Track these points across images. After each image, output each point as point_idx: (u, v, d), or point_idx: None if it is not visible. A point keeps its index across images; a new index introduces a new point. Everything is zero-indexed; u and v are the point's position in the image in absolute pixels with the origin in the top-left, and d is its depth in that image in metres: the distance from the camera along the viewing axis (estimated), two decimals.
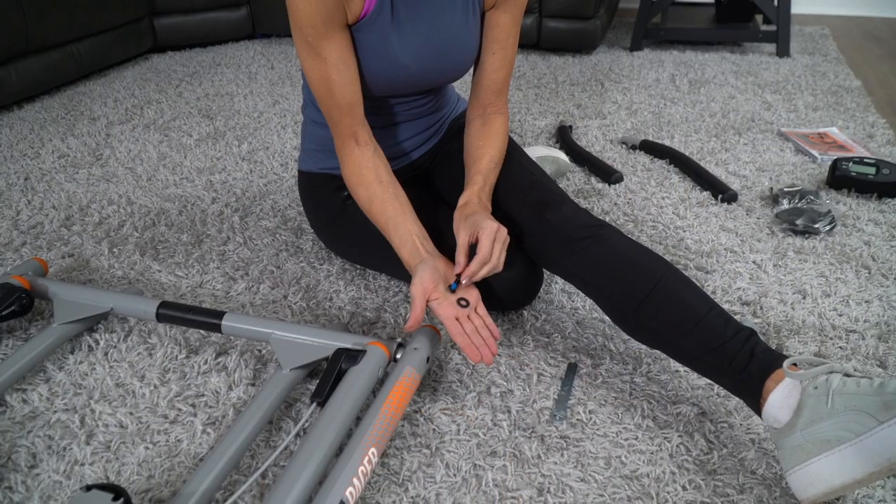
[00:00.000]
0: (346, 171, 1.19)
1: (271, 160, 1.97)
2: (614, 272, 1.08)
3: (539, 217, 1.17)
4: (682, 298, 1.02)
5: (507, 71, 1.24)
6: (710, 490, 0.93)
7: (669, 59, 2.88)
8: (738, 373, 0.94)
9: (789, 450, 0.87)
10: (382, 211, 1.17)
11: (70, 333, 1.20)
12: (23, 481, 0.95)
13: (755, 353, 0.94)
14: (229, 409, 1.08)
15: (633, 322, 1.05)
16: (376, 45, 1.13)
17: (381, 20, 1.11)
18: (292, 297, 1.35)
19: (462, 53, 1.21)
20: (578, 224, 1.14)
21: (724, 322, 0.99)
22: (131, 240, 1.57)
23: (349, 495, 0.84)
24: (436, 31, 1.16)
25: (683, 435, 1.02)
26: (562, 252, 1.13)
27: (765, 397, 0.91)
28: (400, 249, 1.15)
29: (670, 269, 1.07)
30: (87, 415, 1.07)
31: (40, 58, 2.46)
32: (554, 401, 1.09)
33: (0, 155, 2.04)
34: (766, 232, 1.55)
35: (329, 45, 1.09)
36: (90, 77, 2.80)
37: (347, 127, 1.16)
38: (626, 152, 2.00)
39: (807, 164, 1.89)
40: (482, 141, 1.25)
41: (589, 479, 0.95)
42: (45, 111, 2.40)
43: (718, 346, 0.96)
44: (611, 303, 1.08)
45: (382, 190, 1.18)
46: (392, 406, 0.96)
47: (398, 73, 1.17)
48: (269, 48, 3.19)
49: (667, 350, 1.03)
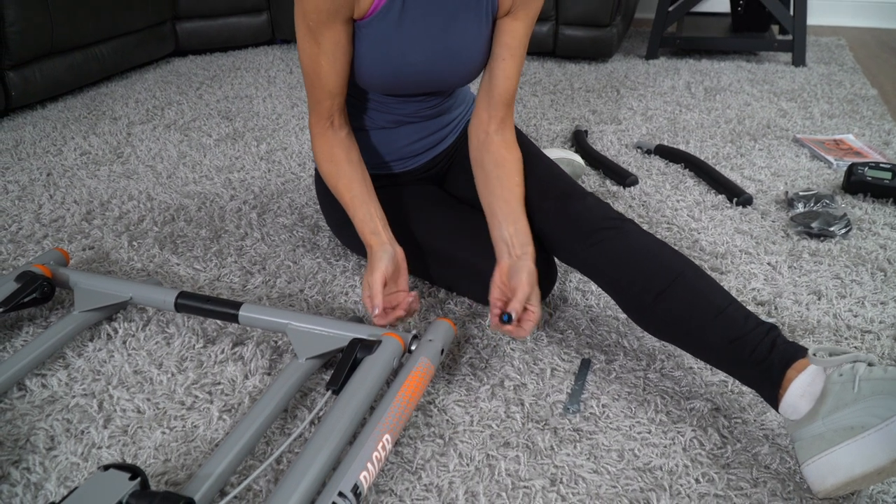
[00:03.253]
0: (317, 146, 1.23)
1: (289, 160, 1.99)
2: (634, 264, 1.08)
3: (561, 207, 1.18)
4: (702, 291, 1.03)
5: (515, 81, 1.23)
6: (723, 483, 0.93)
7: (685, 68, 2.89)
8: (758, 363, 0.94)
9: (808, 440, 0.87)
10: (349, 188, 1.20)
11: (90, 321, 1.22)
12: (41, 462, 0.97)
13: (777, 344, 0.94)
14: (245, 397, 1.09)
15: (650, 314, 1.06)
16: (381, 42, 1.14)
17: (389, 17, 1.11)
18: (308, 290, 1.37)
19: (471, 57, 1.21)
20: (601, 215, 1.15)
21: (745, 316, 0.99)
22: (150, 234, 1.59)
23: (363, 479, 0.85)
24: (446, 32, 1.16)
25: (697, 429, 1.02)
26: (582, 242, 1.14)
27: (785, 387, 0.90)
28: (361, 226, 1.18)
29: (691, 264, 1.07)
30: (105, 400, 1.08)
31: (64, 58, 2.50)
32: (567, 394, 1.09)
33: (24, 151, 2.07)
34: (781, 235, 1.55)
35: (327, 34, 1.11)
36: (112, 78, 2.84)
37: (326, 109, 1.20)
38: (641, 156, 2.00)
39: (822, 170, 1.89)
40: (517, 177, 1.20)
41: (602, 471, 0.95)
42: (67, 111, 2.44)
43: (739, 338, 0.96)
44: (628, 295, 1.08)
45: (351, 170, 1.21)
46: (406, 394, 0.97)
47: (403, 70, 1.18)
48: (288, 53, 3.22)
49: (683, 343, 1.03)
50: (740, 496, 0.91)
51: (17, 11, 2.23)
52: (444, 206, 1.36)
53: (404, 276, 1.18)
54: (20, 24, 2.25)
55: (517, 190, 1.19)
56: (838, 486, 0.84)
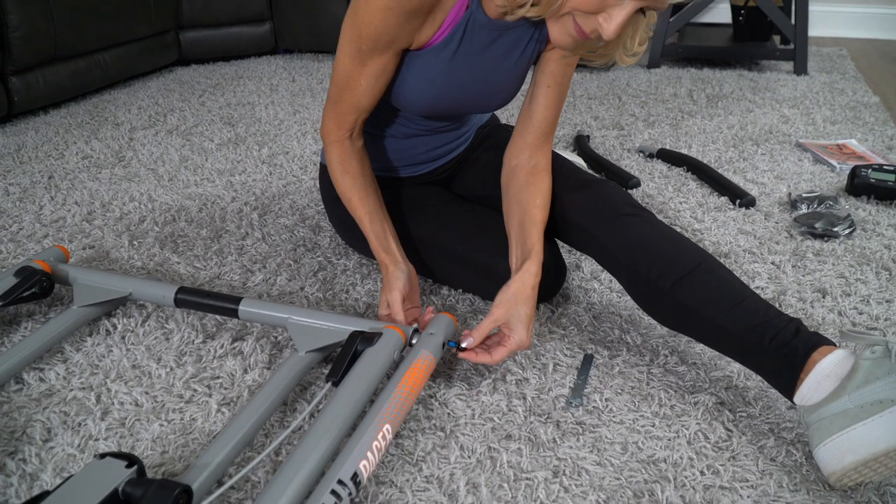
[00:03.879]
0: (333, 156, 1.21)
1: (291, 164, 1.99)
2: (655, 249, 1.08)
3: (582, 193, 1.17)
4: (724, 279, 1.02)
5: (557, 110, 1.20)
6: (728, 475, 0.91)
7: (687, 76, 2.89)
8: (779, 348, 0.93)
9: (828, 419, 0.85)
10: (363, 203, 1.19)
11: (88, 316, 1.21)
12: (37, 454, 0.96)
13: (801, 331, 0.94)
14: (244, 391, 1.08)
15: (666, 300, 1.04)
16: (429, 73, 1.13)
17: (444, 53, 1.10)
18: (309, 288, 1.36)
19: (508, 93, 1.22)
20: (624, 201, 1.15)
21: (766, 305, 0.99)
22: (151, 234, 1.59)
23: (363, 468, 0.84)
24: (492, 73, 1.16)
25: (701, 422, 1.01)
26: (602, 226, 1.13)
27: (807, 370, 0.89)
28: (376, 243, 1.18)
29: (711, 255, 1.07)
30: (102, 393, 1.07)
31: (67, 65, 2.51)
32: (570, 389, 1.08)
33: (25, 155, 2.07)
34: (785, 235, 1.54)
35: (377, 60, 1.08)
36: (115, 86, 2.85)
37: (350, 123, 1.18)
38: (643, 160, 2.00)
39: (825, 173, 1.89)
40: (538, 199, 1.17)
41: (605, 464, 0.94)
42: (70, 116, 2.45)
43: (760, 325, 0.96)
44: (644, 280, 1.07)
45: (366, 184, 1.21)
46: (408, 385, 0.96)
47: (441, 101, 1.18)
48: (291, 62, 3.23)
49: (696, 330, 1.02)
50: (746, 488, 0.90)
51: (21, 17, 2.25)
52: (451, 204, 1.35)
53: (417, 293, 1.18)
54: (23, 30, 2.26)
55: (535, 213, 1.15)
56: (857, 465, 0.82)
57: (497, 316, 1.06)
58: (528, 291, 1.08)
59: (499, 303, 1.07)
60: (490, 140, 1.39)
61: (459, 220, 1.30)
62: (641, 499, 0.88)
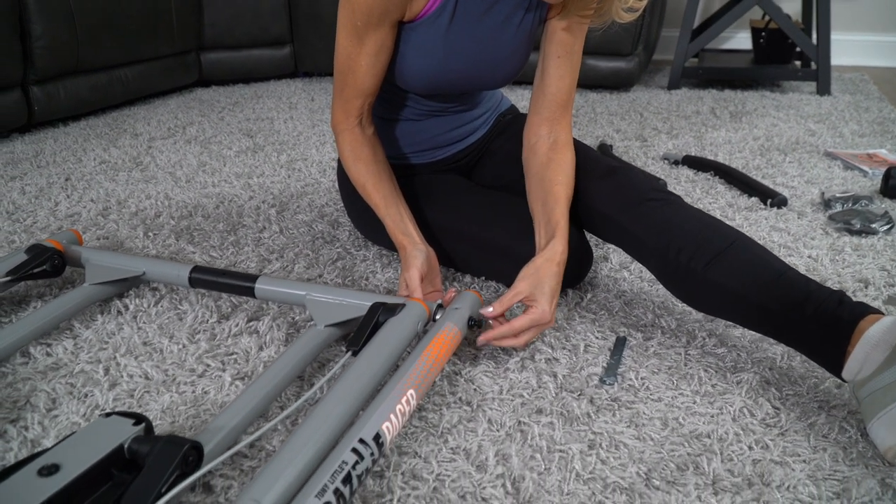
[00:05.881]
0: (344, 143, 1.18)
1: (309, 168, 1.97)
2: (685, 231, 1.03)
3: (606, 182, 1.13)
4: (759, 255, 0.97)
5: (571, 81, 1.16)
6: (779, 450, 0.85)
7: (709, 96, 2.87)
8: (823, 319, 0.87)
9: (881, 391, 0.79)
10: (378, 188, 1.16)
11: (100, 295, 1.16)
12: (39, 421, 0.90)
13: (845, 301, 0.88)
14: (259, 366, 1.03)
15: (699, 283, 0.99)
16: (426, 45, 1.11)
17: (438, 23, 1.09)
18: (328, 275, 1.31)
19: (513, 64, 1.19)
20: (651, 186, 1.11)
21: (806, 279, 0.93)
22: (167, 227, 1.55)
23: (385, 429, 0.78)
24: (493, 41, 1.14)
25: (746, 400, 0.94)
26: (628, 212, 1.08)
27: (854, 341, 0.83)
28: (393, 227, 1.14)
29: (744, 234, 1.02)
30: (111, 367, 1.02)
31: (88, 78, 2.52)
32: (603, 368, 1.02)
33: (43, 160, 2.06)
34: (820, 232, 1.49)
35: (373, 36, 1.07)
36: (135, 102, 2.86)
37: (356, 108, 1.16)
38: (668, 167, 1.95)
39: (857, 178, 1.83)
40: (560, 176, 1.13)
41: (645, 438, 0.87)
42: (89, 128, 2.45)
43: (801, 298, 0.90)
44: (675, 263, 1.01)
45: (379, 169, 1.18)
46: (433, 354, 0.90)
47: (444, 75, 1.15)
48: (311, 85, 3.24)
49: (734, 310, 0.96)
50: (798, 462, 0.83)
51: (44, 27, 2.26)
52: (468, 189, 1.31)
53: (438, 277, 1.14)
54: (46, 40, 2.28)
55: (557, 190, 1.11)
56: None
57: (520, 289, 1.01)
58: (553, 267, 1.03)
59: (522, 276, 1.02)
60: (511, 130, 1.36)
61: (477, 204, 1.26)
62: (686, 471, 0.81)
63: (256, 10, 3.14)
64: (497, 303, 1.01)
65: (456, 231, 1.25)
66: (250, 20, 3.14)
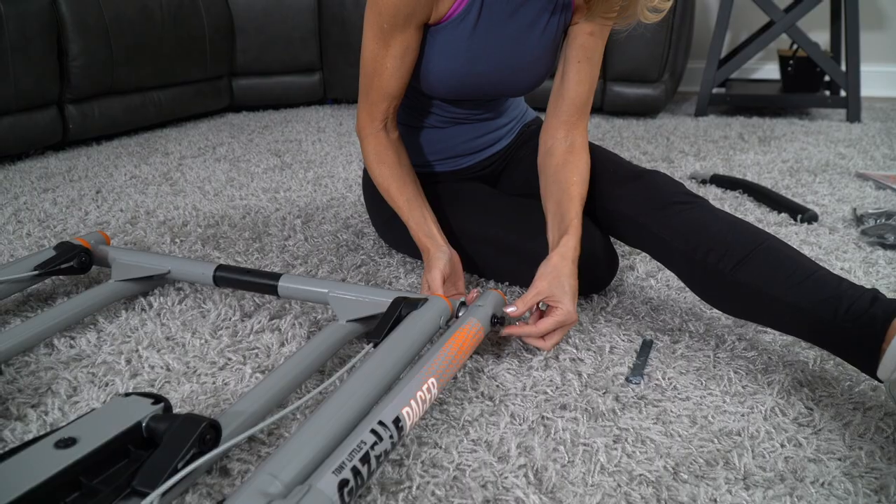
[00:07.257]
0: (369, 147, 1.19)
1: (336, 184, 1.98)
2: (712, 233, 1.01)
3: (631, 185, 1.12)
4: (789, 255, 0.95)
5: (590, 86, 1.17)
6: (812, 448, 0.82)
7: (736, 123, 2.85)
8: (856, 318, 0.84)
9: None
10: (402, 192, 1.17)
11: (125, 292, 1.17)
12: (59, 407, 0.90)
13: (879, 298, 0.85)
14: (280, 360, 1.02)
15: (727, 285, 0.97)
16: (452, 48, 1.12)
17: (463, 25, 1.10)
18: (351, 279, 1.31)
19: (538, 69, 1.19)
20: (676, 190, 1.10)
21: (838, 278, 0.90)
22: (194, 234, 1.56)
23: (405, 414, 0.76)
24: (518, 43, 1.14)
25: (779, 400, 0.91)
26: (654, 216, 1.07)
27: (889, 339, 0.80)
28: (416, 229, 1.15)
29: (774, 236, 1.00)
30: (133, 358, 1.02)
31: (123, 98, 2.57)
32: (629, 368, 1.00)
33: (76, 175, 2.10)
34: (853, 246, 1.45)
35: (399, 38, 1.08)
36: (167, 125, 2.91)
37: (382, 112, 1.17)
38: (696, 186, 1.94)
39: (891, 196, 1.80)
40: (575, 176, 1.13)
41: (672, 434, 0.85)
42: (122, 147, 2.49)
43: (833, 296, 0.87)
44: (703, 266, 1.00)
45: (403, 173, 1.19)
46: (456, 345, 0.89)
47: (469, 79, 1.16)
48: (339, 111, 3.28)
49: (764, 312, 0.94)
50: (833, 459, 0.79)
51: (81, 47, 2.32)
52: (496, 196, 1.31)
53: (461, 280, 1.14)
54: (83, 59, 2.34)
55: (572, 189, 1.12)
56: None
57: (540, 288, 1.00)
58: (568, 265, 1.03)
59: (541, 275, 1.02)
60: (536, 139, 1.36)
61: (501, 209, 1.26)
62: (715, 466, 0.79)
63: (287, 38, 3.20)
64: (520, 301, 1.00)
65: (480, 235, 1.24)
66: (281, 47, 3.20)
